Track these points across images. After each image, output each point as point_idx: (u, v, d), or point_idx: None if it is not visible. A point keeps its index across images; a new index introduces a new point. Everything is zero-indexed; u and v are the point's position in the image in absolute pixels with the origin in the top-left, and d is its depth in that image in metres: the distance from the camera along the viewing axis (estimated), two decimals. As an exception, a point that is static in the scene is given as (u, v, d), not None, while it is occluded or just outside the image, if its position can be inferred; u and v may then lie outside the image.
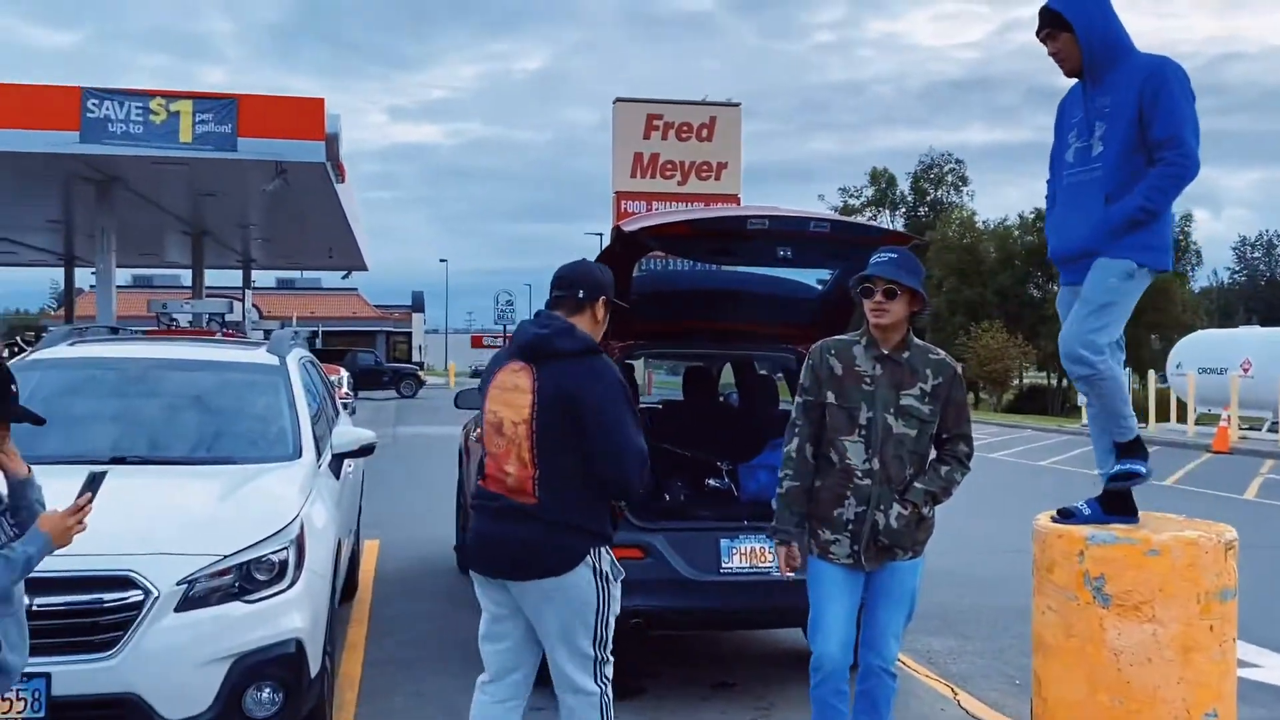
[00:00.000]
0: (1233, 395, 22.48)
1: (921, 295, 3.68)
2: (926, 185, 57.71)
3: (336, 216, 22.38)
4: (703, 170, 30.08)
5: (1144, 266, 3.66)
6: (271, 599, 3.88)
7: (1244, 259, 75.00)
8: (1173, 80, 3.59)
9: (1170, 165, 3.54)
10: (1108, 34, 3.67)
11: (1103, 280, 3.66)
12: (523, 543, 3.31)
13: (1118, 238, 3.64)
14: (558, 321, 3.41)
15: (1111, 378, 3.72)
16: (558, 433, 3.25)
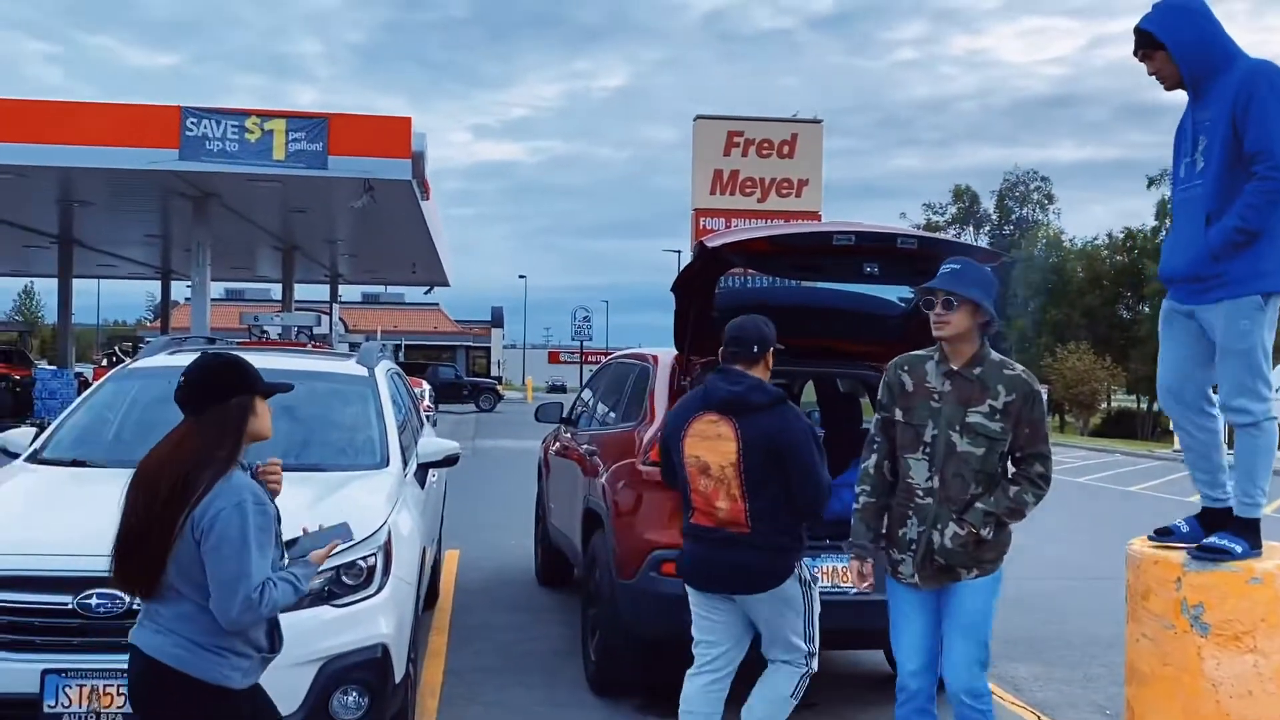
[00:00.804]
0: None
1: (985, 307, 3.65)
2: (1011, 203, 56.68)
3: (420, 232, 22.84)
4: (783, 187, 29.98)
5: (1270, 295, 3.50)
6: (359, 604, 3.95)
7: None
8: (1264, 86, 3.40)
9: (1263, 180, 3.36)
10: (1202, 46, 3.53)
11: (1234, 325, 3.50)
12: (743, 565, 3.93)
13: (1220, 263, 3.51)
14: (748, 379, 3.99)
15: (1269, 422, 3.54)
16: (760, 472, 3.87)
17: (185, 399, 2.85)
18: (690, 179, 29.48)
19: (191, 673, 2.73)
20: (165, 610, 2.76)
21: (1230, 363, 3.54)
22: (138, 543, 2.74)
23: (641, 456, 5.12)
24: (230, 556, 2.69)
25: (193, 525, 2.71)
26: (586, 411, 7.31)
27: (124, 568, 2.79)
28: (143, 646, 2.77)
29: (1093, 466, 23.18)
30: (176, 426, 2.86)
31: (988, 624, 3.73)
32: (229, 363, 2.93)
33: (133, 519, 2.75)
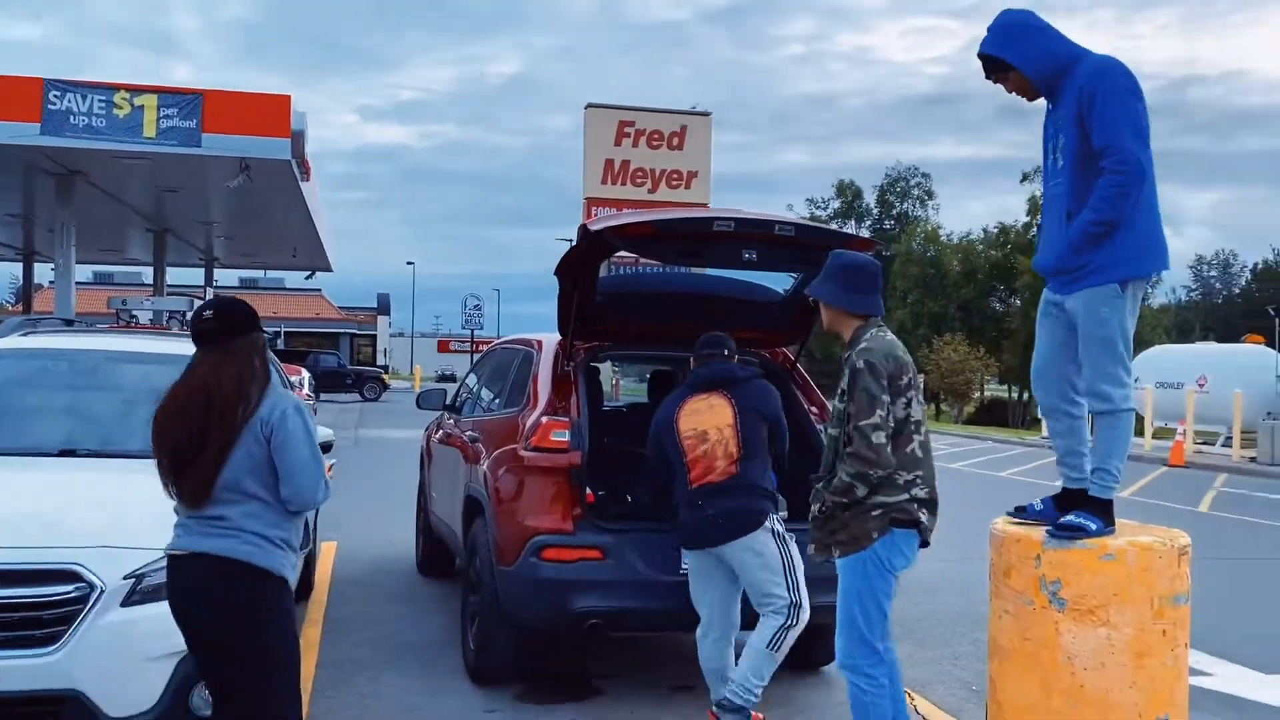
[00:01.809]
0: (1188, 410, 22.83)
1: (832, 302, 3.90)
2: (892, 198, 58.26)
3: (301, 215, 22.18)
4: (673, 178, 30.14)
5: (1129, 282, 3.63)
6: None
7: (1201, 277, 76.27)
8: (1104, 84, 3.50)
9: (1111, 174, 3.47)
10: (1046, 57, 3.62)
11: (1094, 313, 3.62)
12: (730, 510, 4.45)
13: (1082, 255, 3.62)
14: (730, 362, 4.78)
15: (1127, 413, 3.67)
16: (752, 432, 4.55)
17: (211, 333, 3.20)
18: (582, 168, 29.38)
19: (264, 565, 3.11)
20: (231, 512, 3.10)
21: (1091, 349, 3.67)
22: (193, 456, 3.08)
23: (524, 442, 5.06)
24: (304, 444, 3.15)
25: (259, 428, 3.11)
26: (470, 398, 7.21)
27: (182, 481, 3.12)
28: (212, 550, 3.08)
29: (966, 453, 24.02)
30: (198, 359, 3.22)
31: (853, 603, 3.80)
32: (244, 305, 3.32)
33: (184, 437, 3.08)
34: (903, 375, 3.79)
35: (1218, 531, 12.15)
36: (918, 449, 3.82)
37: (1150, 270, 3.66)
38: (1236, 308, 67.60)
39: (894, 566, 3.81)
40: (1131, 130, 3.50)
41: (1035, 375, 3.92)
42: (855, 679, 3.81)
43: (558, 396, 5.18)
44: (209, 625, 3.11)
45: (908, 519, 3.79)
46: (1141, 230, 3.60)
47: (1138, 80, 3.59)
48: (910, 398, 3.81)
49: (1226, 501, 15.27)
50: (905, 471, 3.79)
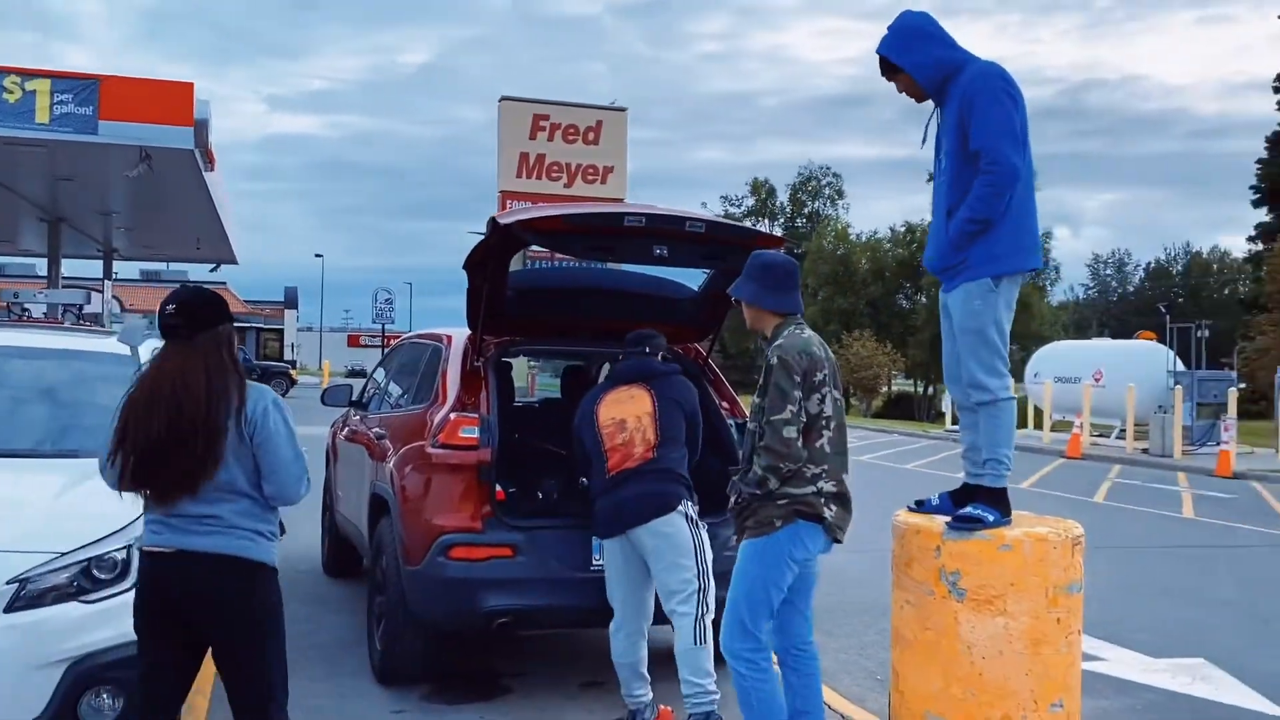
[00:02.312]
0: (1085, 404, 23.66)
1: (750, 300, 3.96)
2: (804, 197, 59.15)
3: (205, 206, 21.53)
4: (589, 173, 30.08)
5: (1000, 276, 3.77)
6: (112, 599, 3.68)
7: (1097, 276, 79.04)
8: (984, 90, 3.64)
9: (985, 174, 3.62)
10: (934, 64, 3.76)
11: (967, 305, 3.75)
12: (644, 493, 4.49)
13: (961, 252, 3.75)
14: (652, 358, 4.85)
15: (1007, 402, 3.79)
16: (670, 421, 4.64)
17: (178, 326, 3.15)
18: (496, 161, 29.13)
19: (260, 558, 3.17)
20: (222, 510, 3.10)
21: (966, 341, 3.80)
22: (174, 450, 3.03)
23: (431, 439, 5.00)
24: (286, 442, 3.18)
25: (243, 425, 3.09)
26: (377, 394, 7.08)
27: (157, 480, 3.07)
28: (206, 548, 3.08)
29: (874, 446, 24.51)
30: (166, 352, 3.16)
31: (741, 586, 3.84)
32: (213, 296, 3.27)
33: (159, 435, 3.03)
34: (816, 371, 3.83)
35: (1111, 521, 12.62)
36: (827, 444, 3.86)
37: (1021, 266, 3.80)
38: (1130, 305, 70.28)
39: (794, 557, 3.84)
40: (1006, 134, 3.64)
41: (946, 375, 4.03)
42: (736, 665, 3.84)
43: (467, 393, 5.12)
44: (209, 622, 3.12)
45: (812, 512, 3.83)
46: (1014, 228, 3.74)
47: (1017, 87, 3.74)
48: (824, 394, 3.85)
49: (1120, 492, 15.87)
50: (814, 465, 3.83)
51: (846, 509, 3.96)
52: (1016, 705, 3.69)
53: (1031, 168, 3.80)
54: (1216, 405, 21.96)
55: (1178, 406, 21.37)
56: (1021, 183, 3.69)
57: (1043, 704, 3.72)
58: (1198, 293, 64.72)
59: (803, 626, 3.99)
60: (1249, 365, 31.41)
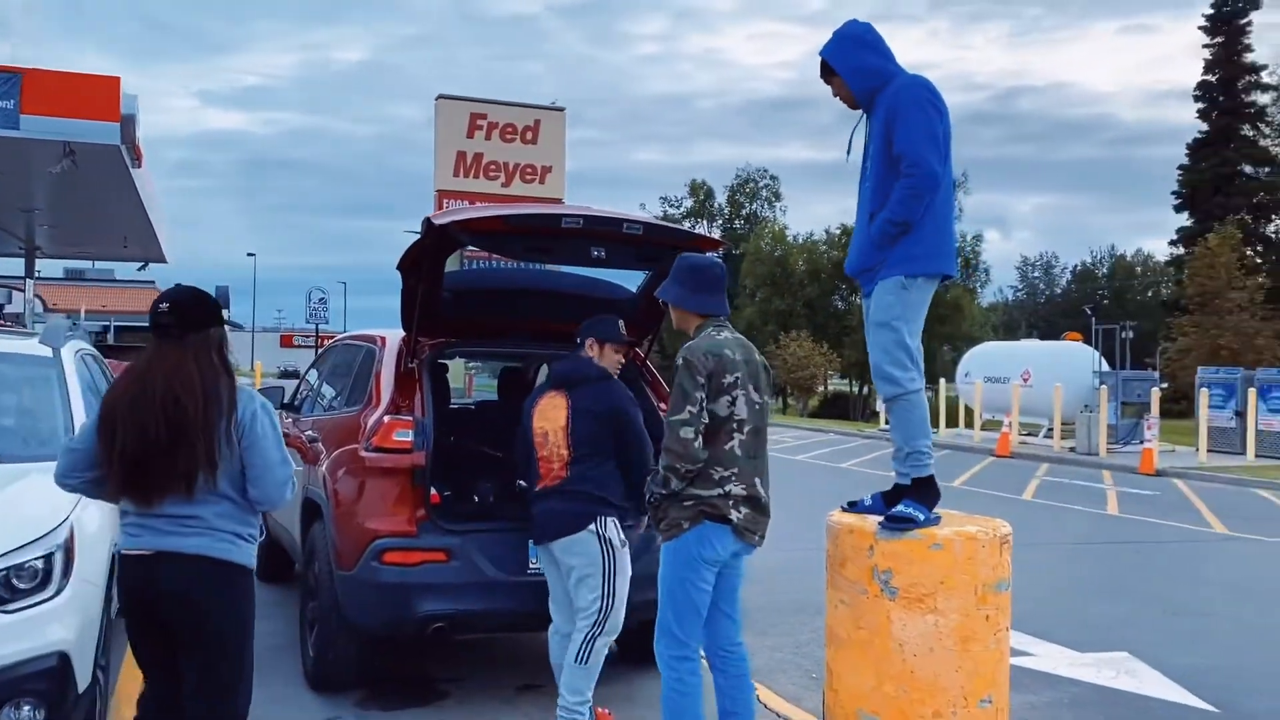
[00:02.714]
0: (1014, 403, 24.17)
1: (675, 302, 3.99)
2: (742, 199, 59.54)
3: (132, 203, 20.96)
4: (527, 173, 29.96)
5: (914, 276, 3.86)
6: (33, 609, 3.57)
7: (1026, 278, 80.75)
8: (908, 98, 3.79)
9: (905, 178, 3.74)
10: (869, 72, 3.89)
11: (880, 300, 3.86)
12: (554, 511, 4.45)
13: (881, 252, 3.85)
14: (580, 359, 4.68)
15: (916, 394, 3.86)
16: (586, 435, 4.48)
17: (167, 326, 3.12)
18: (433, 160, 28.88)
19: (240, 560, 3.17)
20: (204, 511, 3.09)
21: (876, 335, 3.89)
22: (169, 451, 3.02)
23: (365, 442, 4.93)
24: (274, 445, 3.18)
25: (232, 429, 3.09)
26: (310, 396, 6.97)
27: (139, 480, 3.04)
28: (186, 549, 3.07)
29: (810, 445, 24.77)
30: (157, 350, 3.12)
31: (661, 587, 3.87)
32: (207, 296, 3.24)
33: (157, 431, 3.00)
34: (725, 374, 3.81)
35: (1039, 518, 12.90)
36: (737, 448, 3.84)
37: (934, 269, 3.90)
38: (1057, 307, 71.91)
39: (704, 557, 3.82)
40: (928, 140, 3.77)
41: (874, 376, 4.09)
42: (662, 668, 3.86)
43: (401, 395, 5.06)
44: (185, 622, 3.11)
45: (717, 514, 3.81)
46: (930, 232, 3.86)
47: (942, 99, 3.87)
48: (735, 396, 3.83)
49: (1048, 489, 16.24)
50: (721, 468, 3.81)
51: (760, 511, 3.94)
52: (947, 701, 3.76)
53: (952, 179, 3.94)
54: (1140, 405, 22.59)
55: (1103, 406, 21.93)
56: (942, 191, 3.82)
57: (972, 700, 3.79)
58: (1122, 295, 66.49)
59: (729, 628, 3.99)
60: (1170, 366, 32.38)
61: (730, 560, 3.93)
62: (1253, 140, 41.45)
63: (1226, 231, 34.16)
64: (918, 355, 3.91)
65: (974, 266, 51.92)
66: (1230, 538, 11.81)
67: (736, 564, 3.96)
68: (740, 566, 4.00)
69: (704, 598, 3.86)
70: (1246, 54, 41.98)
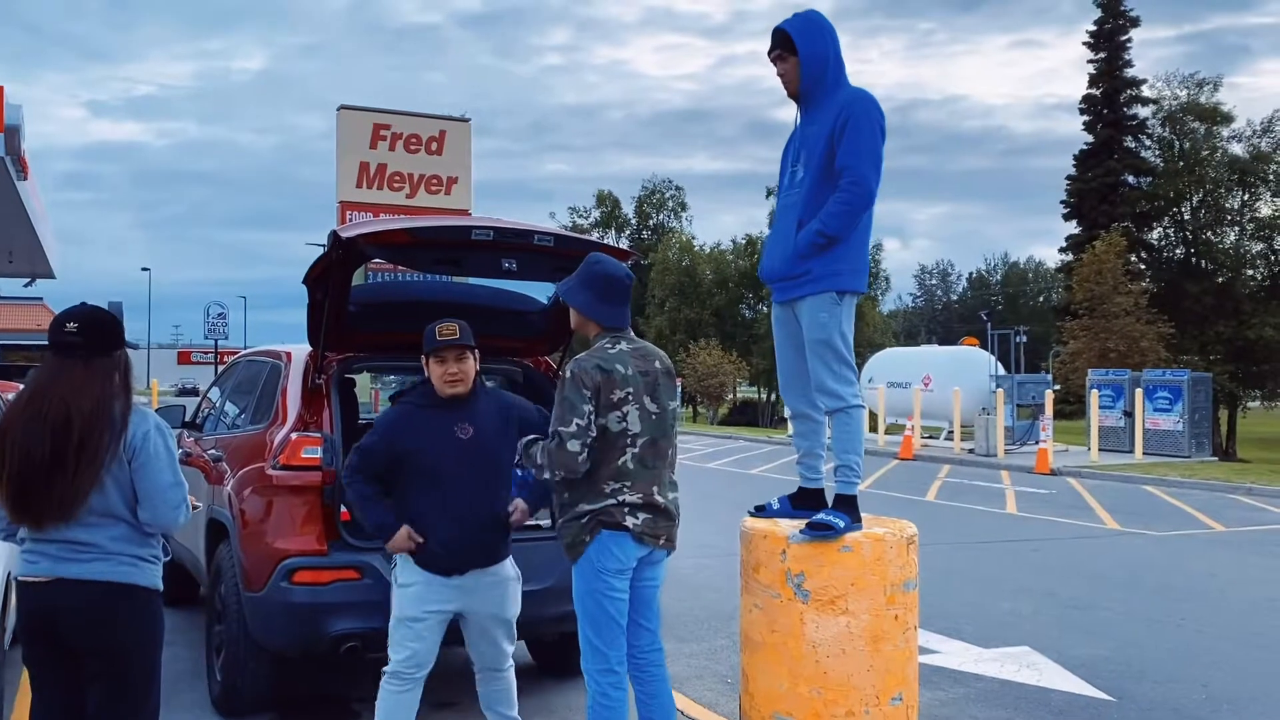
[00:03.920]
0: (916, 407, 24.82)
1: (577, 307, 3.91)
2: (649, 209, 59.90)
3: (17, 217, 20.12)
4: (432, 184, 29.62)
5: (844, 292, 3.95)
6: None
7: (923, 285, 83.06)
8: (861, 114, 3.85)
9: (843, 192, 3.81)
10: (826, 66, 3.93)
11: (815, 318, 3.92)
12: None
13: (805, 262, 3.91)
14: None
15: (856, 410, 3.95)
16: None
17: (73, 346, 3.06)
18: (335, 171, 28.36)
19: (145, 584, 3.12)
20: (98, 536, 3.03)
21: (816, 352, 3.97)
22: (53, 473, 2.95)
23: (272, 460, 4.83)
24: (166, 467, 3.11)
25: (122, 450, 3.02)
26: (213, 414, 6.79)
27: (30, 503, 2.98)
28: (86, 575, 3.01)
29: (721, 453, 25.01)
30: (51, 372, 3.06)
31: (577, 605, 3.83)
32: (111, 318, 3.16)
33: (42, 452, 2.95)
34: (615, 389, 3.69)
35: (941, 518, 13.27)
36: (630, 461, 3.72)
37: (860, 286, 4.01)
38: (955, 312, 74.06)
39: (606, 568, 3.72)
40: (871, 160, 3.86)
41: (782, 384, 4.17)
42: (588, 683, 3.82)
43: (308, 411, 4.97)
44: (90, 648, 3.04)
45: (613, 521, 3.71)
46: (857, 250, 3.96)
47: (885, 119, 3.96)
48: (625, 412, 3.71)
49: (949, 490, 16.70)
50: (613, 481, 3.71)
51: (661, 516, 3.81)
52: (860, 700, 3.85)
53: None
54: (1035, 406, 23.41)
55: (999, 408, 22.66)
56: (869, 210, 3.91)
57: (884, 698, 3.88)
58: (1015, 300, 68.78)
59: (646, 638, 3.91)
60: (1063, 368, 33.56)
61: (644, 569, 3.84)
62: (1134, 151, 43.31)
63: (1111, 239, 35.60)
64: (855, 368, 4.02)
65: (875, 275, 53.16)
66: (1122, 533, 12.32)
67: (651, 573, 3.87)
68: (655, 576, 3.91)
69: (620, 606, 3.77)
70: (1128, 69, 43.84)
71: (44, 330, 12.48)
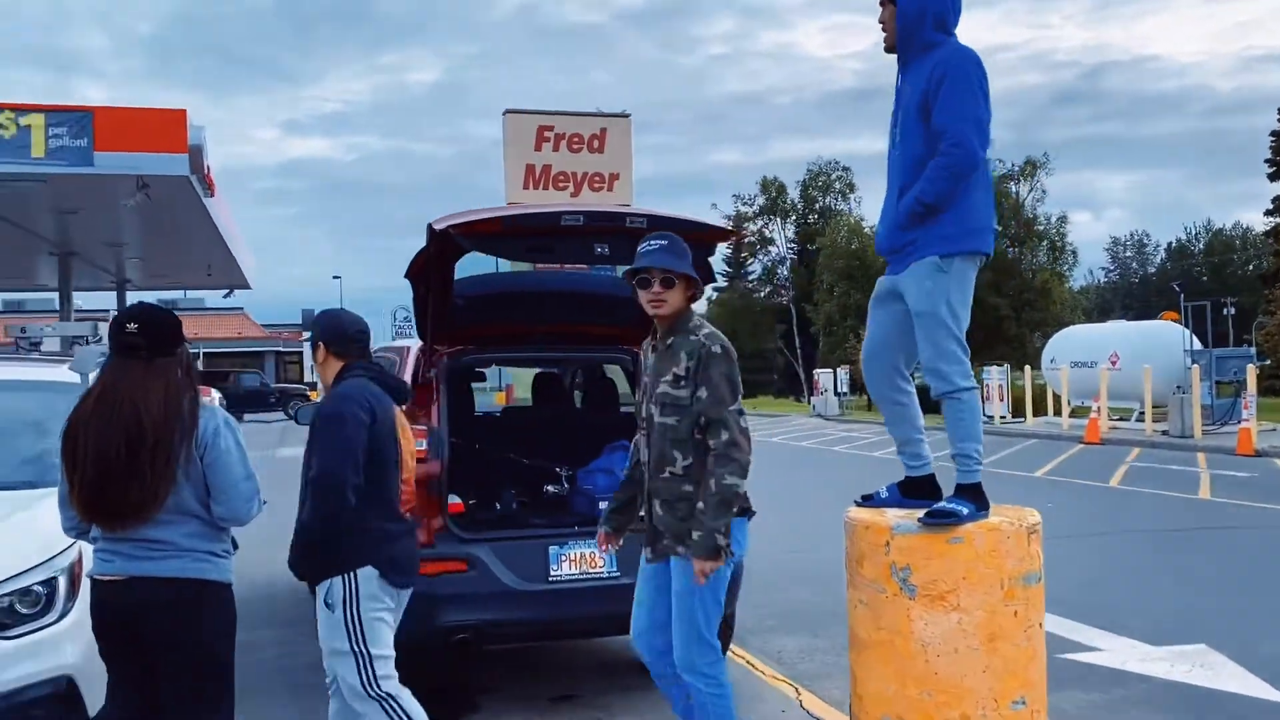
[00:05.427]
0: (1102, 388, 23.29)
1: (695, 279, 3.66)
2: (815, 192, 58.74)
3: (209, 233, 21.53)
4: (595, 181, 30.12)
5: (950, 256, 3.61)
6: (37, 633, 3.60)
7: (1117, 258, 78.23)
8: (957, 71, 3.51)
9: (943, 156, 3.47)
10: (924, 18, 3.60)
11: (920, 288, 3.59)
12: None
13: (908, 232, 3.60)
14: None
15: (967, 393, 3.62)
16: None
17: (135, 347, 3.09)
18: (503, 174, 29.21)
19: (215, 578, 3.15)
20: (172, 534, 3.05)
21: (923, 325, 3.64)
22: (129, 477, 2.98)
23: None
24: (238, 461, 3.13)
25: (194, 446, 3.05)
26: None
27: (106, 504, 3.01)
28: (161, 573, 3.04)
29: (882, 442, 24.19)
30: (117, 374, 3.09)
31: (694, 601, 3.65)
32: (170, 317, 3.22)
33: (117, 455, 2.98)
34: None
35: (1123, 505, 12.35)
36: None
37: (970, 247, 3.63)
38: (1152, 287, 69.49)
39: (737, 557, 3.72)
40: (972, 119, 3.51)
41: (865, 363, 3.89)
42: (695, 680, 3.67)
43: (417, 404, 5.01)
44: (166, 643, 3.07)
45: (748, 506, 3.71)
46: (965, 210, 3.59)
47: (987, 76, 3.60)
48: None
49: (1136, 475, 15.54)
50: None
51: None
52: (975, 704, 3.53)
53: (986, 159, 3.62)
54: (1237, 383, 21.56)
55: (1195, 386, 21.00)
56: (978, 169, 3.55)
57: (1003, 701, 3.55)
58: (1221, 270, 63.93)
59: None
60: (1270, 340, 30.90)
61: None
62: (1353, 100, 39.42)
63: (1326, 197, 32.50)
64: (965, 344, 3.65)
65: (1061, 249, 50.34)
66: (1332, 519, 11.14)
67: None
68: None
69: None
70: (1342, 10, 39.93)
71: (245, 338, 13.34)
